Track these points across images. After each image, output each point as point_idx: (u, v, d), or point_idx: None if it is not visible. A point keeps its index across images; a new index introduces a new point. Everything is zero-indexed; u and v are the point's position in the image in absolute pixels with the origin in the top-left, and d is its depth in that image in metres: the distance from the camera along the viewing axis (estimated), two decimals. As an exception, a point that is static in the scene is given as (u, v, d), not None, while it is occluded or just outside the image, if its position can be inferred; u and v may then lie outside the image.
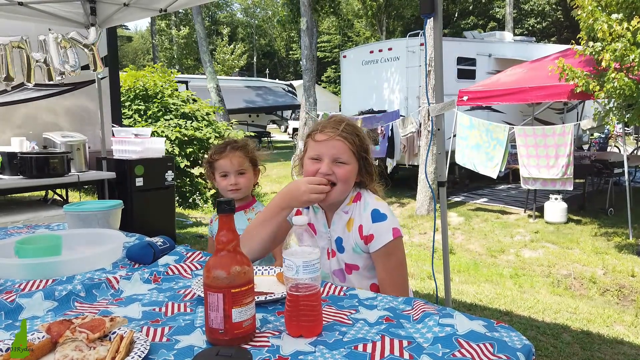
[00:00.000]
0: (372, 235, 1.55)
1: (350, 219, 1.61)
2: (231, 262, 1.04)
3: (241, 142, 2.07)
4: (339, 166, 1.56)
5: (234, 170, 2.00)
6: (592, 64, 5.98)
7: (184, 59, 34.60)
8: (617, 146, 11.60)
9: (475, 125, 7.30)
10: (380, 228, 1.54)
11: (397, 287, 1.58)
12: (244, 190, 2.02)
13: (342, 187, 1.57)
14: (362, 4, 24.47)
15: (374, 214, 1.56)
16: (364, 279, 1.63)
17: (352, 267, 1.62)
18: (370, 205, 1.59)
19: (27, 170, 4.00)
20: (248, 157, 2.04)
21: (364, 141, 1.62)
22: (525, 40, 12.08)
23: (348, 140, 1.57)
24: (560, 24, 27.94)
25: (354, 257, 1.60)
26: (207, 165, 2.10)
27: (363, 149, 1.61)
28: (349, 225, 1.60)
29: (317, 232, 1.67)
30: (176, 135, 7.49)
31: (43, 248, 1.63)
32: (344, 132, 1.58)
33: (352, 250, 1.60)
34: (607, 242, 6.21)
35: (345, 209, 1.62)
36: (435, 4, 2.57)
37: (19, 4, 3.82)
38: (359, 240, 1.58)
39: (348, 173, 1.56)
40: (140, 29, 49.80)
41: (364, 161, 1.62)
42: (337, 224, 1.63)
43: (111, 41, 5.34)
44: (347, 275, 1.64)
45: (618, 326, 3.71)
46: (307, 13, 11.05)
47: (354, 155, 1.58)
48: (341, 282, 1.64)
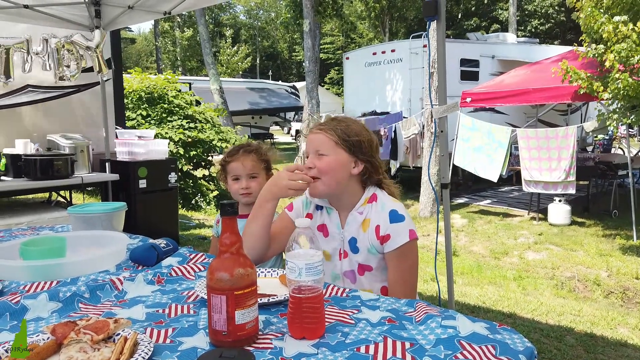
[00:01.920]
0: (388, 236, 1.55)
1: (365, 219, 1.60)
2: (234, 265, 1.04)
3: (254, 146, 2.06)
4: (319, 158, 1.56)
5: (245, 174, 1.99)
6: (596, 65, 5.97)
7: (187, 60, 34.69)
8: (621, 148, 11.54)
9: (477, 127, 7.29)
10: (398, 229, 1.54)
11: (407, 289, 1.57)
12: (256, 194, 2.01)
13: (326, 179, 1.55)
14: (365, 5, 24.49)
15: (392, 215, 1.56)
16: (375, 281, 1.62)
17: (365, 268, 1.62)
18: (387, 205, 1.58)
19: (31, 172, 4.02)
20: (261, 161, 2.03)
21: (350, 129, 1.58)
22: (529, 42, 12.06)
23: (327, 132, 1.57)
24: (564, 25, 27.89)
25: (369, 258, 1.60)
26: (220, 168, 2.10)
27: (350, 136, 1.57)
28: (364, 226, 1.60)
29: (330, 233, 1.66)
30: (180, 137, 7.51)
31: (47, 250, 1.63)
32: (325, 125, 1.59)
33: (367, 251, 1.59)
34: (611, 244, 6.19)
35: (359, 210, 1.62)
36: (438, 6, 2.57)
37: (24, 6, 3.85)
38: (374, 241, 1.57)
39: (328, 164, 1.55)
40: (144, 31, 49.99)
41: (356, 148, 1.58)
42: (351, 224, 1.62)
43: (115, 43, 5.36)
44: (358, 276, 1.63)
45: (622, 329, 3.70)
46: (309, 15, 11.07)
47: (337, 144, 1.56)
48: (351, 284, 1.64)
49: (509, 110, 9.85)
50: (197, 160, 8.01)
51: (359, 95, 11.27)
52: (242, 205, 2.06)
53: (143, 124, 7.73)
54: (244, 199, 2.01)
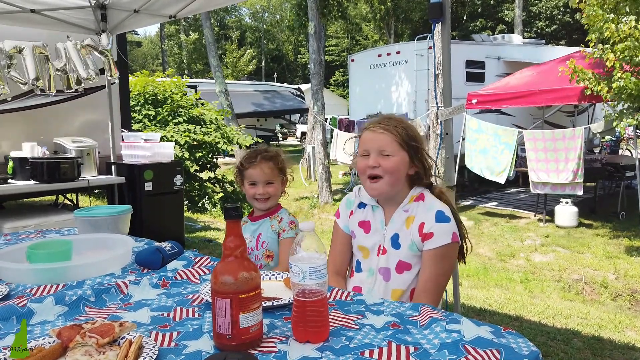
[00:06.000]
0: (431, 234, 1.56)
1: (410, 216, 1.62)
2: (239, 268, 1.04)
3: (272, 152, 2.07)
4: (384, 158, 1.58)
5: (263, 180, 2.01)
6: (602, 65, 5.94)
7: (193, 63, 34.83)
8: (628, 149, 11.47)
9: (483, 129, 7.26)
10: (442, 228, 1.56)
11: (435, 294, 1.58)
12: (272, 200, 2.03)
13: (390, 179, 1.59)
14: (370, 7, 24.51)
15: (439, 215, 1.58)
16: (409, 282, 1.62)
17: (404, 266, 1.62)
18: (435, 206, 1.60)
19: (38, 175, 4.05)
20: (277, 168, 2.05)
21: (411, 132, 1.63)
22: (535, 43, 12.01)
23: (392, 132, 1.59)
24: (570, 26, 27.74)
25: (409, 255, 1.61)
26: (236, 172, 2.11)
27: (411, 139, 1.61)
28: (408, 222, 1.62)
29: (372, 229, 1.69)
30: (185, 140, 7.54)
31: (54, 253, 1.64)
32: (388, 125, 1.61)
33: (408, 248, 1.61)
34: (619, 246, 6.14)
35: (405, 207, 1.64)
36: (443, 8, 2.57)
37: (31, 11, 3.88)
38: (416, 238, 1.59)
39: (394, 164, 1.58)
40: (150, 34, 50.18)
41: (414, 151, 1.62)
42: (395, 221, 1.65)
43: (121, 47, 5.40)
44: (394, 274, 1.63)
45: (630, 332, 3.66)
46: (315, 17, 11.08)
47: (401, 146, 1.59)
48: (384, 281, 1.64)
49: (515, 111, 9.81)
50: (203, 162, 8.03)
51: (364, 97, 11.27)
52: (256, 209, 2.09)
53: (149, 126, 7.76)
54: (259, 204, 2.03)
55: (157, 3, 3.98)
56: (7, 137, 4.65)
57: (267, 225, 2.03)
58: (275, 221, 2.02)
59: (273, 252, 1.99)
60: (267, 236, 2.00)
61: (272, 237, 2.00)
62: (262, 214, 2.06)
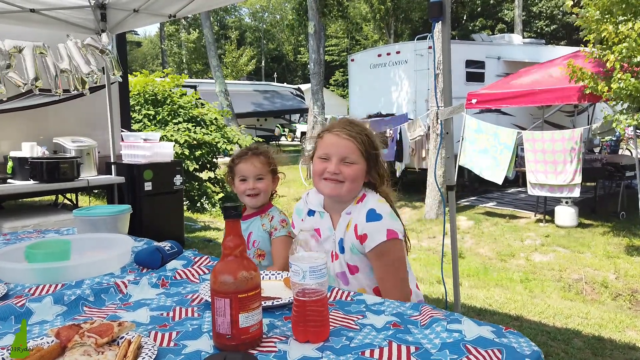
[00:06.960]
0: (365, 235, 1.55)
1: (351, 219, 1.62)
2: (238, 268, 1.04)
3: (262, 149, 2.09)
4: (346, 165, 1.58)
5: (253, 175, 2.00)
6: (602, 65, 5.93)
7: (193, 63, 34.82)
8: (628, 149, 11.46)
9: (483, 129, 7.26)
10: (374, 228, 1.54)
11: (395, 285, 1.57)
12: (262, 196, 2.02)
13: (350, 186, 1.59)
14: (370, 7, 24.51)
15: (369, 214, 1.56)
16: (365, 283, 1.62)
17: (354, 268, 1.63)
18: (368, 205, 1.59)
19: (38, 175, 4.04)
20: (268, 164, 2.05)
21: (372, 141, 1.62)
22: (535, 43, 12.01)
23: (357, 140, 1.58)
24: (570, 26, 27.75)
25: (354, 258, 1.61)
26: (227, 170, 2.11)
27: (372, 148, 1.61)
28: (348, 225, 1.62)
29: (323, 236, 1.68)
30: (185, 139, 7.53)
31: (52, 253, 1.64)
32: (353, 131, 1.59)
33: (350, 251, 1.60)
34: (619, 246, 6.14)
35: (348, 210, 1.63)
36: (443, 8, 2.57)
37: (30, 10, 3.88)
38: (354, 240, 1.58)
39: (355, 172, 1.58)
40: (149, 34, 50.15)
41: (373, 161, 1.62)
42: (341, 225, 1.64)
43: (120, 46, 5.39)
44: (349, 277, 1.64)
45: (630, 331, 3.66)
46: (315, 17, 11.09)
47: (362, 155, 1.59)
48: (344, 285, 1.64)
49: (515, 111, 9.81)
50: (203, 162, 8.03)
51: (364, 97, 11.26)
52: (247, 206, 2.07)
53: (149, 126, 7.76)
54: (250, 200, 2.01)
55: (156, 2, 3.97)
56: (7, 137, 4.64)
57: (257, 224, 2.01)
58: (266, 220, 2.00)
59: (264, 251, 1.97)
60: (258, 235, 1.98)
61: (263, 236, 1.97)
62: (252, 212, 2.03)
